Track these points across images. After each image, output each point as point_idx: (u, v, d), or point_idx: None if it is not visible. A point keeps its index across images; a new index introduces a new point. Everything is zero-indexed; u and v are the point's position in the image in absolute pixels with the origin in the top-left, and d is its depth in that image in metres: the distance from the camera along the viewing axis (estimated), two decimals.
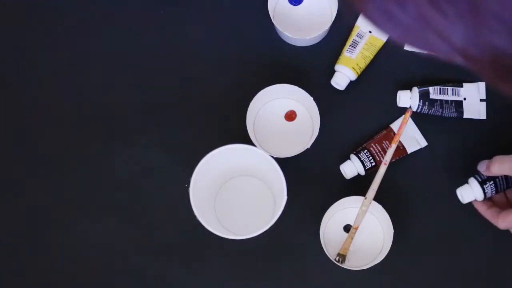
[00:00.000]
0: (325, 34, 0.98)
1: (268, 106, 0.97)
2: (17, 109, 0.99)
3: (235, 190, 0.95)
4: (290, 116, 0.96)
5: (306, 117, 0.96)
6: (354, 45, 0.96)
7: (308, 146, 0.91)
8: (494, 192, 0.88)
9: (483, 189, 0.87)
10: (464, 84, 0.95)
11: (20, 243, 0.95)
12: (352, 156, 0.94)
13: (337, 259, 0.89)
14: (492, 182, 0.87)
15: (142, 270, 0.94)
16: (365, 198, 0.89)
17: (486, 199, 0.87)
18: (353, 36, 0.96)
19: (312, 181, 0.95)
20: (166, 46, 0.99)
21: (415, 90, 0.94)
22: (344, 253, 0.90)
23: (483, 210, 0.86)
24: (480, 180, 0.87)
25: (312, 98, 0.91)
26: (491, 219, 0.85)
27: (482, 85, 0.95)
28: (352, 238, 0.90)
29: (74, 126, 0.98)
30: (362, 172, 0.93)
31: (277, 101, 0.97)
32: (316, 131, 0.92)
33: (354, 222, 0.90)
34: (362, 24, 0.97)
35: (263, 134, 0.96)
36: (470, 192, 0.88)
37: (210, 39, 0.99)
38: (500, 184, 0.88)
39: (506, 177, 0.89)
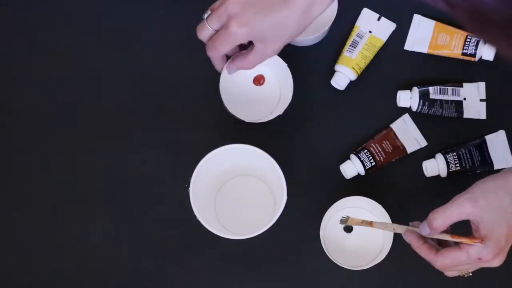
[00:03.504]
0: (325, 34, 0.98)
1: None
2: (17, 109, 0.99)
3: (235, 190, 0.95)
4: (258, 80, 0.97)
5: (274, 82, 0.97)
6: (354, 45, 0.96)
7: (281, 112, 0.91)
8: (458, 166, 0.91)
9: (446, 159, 0.92)
10: (464, 84, 0.95)
11: (20, 243, 0.95)
12: (352, 156, 0.94)
13: (343, 219, 0.81)
14: (455, 153, 0.92)
15: (142, 270, 0.94)
16: (393, 229, 0.79)
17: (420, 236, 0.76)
18: (353, 36, 0.96)
19: (312, 181, 0.95)
20: (166, 46, 0.99)
21: (415, 90, 0.94)
22: (350, 222, 0.81)
23: (418, 246, 0.75)
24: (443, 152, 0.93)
25: (286, 64, 0.92)
26: (427, 255, 0.73)
27: (482, 85, 0.95)
28: (361, 222, 0.80)
29: (74, 126, 0.98)
30: (362, 172, 0.93)
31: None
32: (289, 96, 0.91)
33: (376, 223, 0.80)
34: (362, 24, 0.97)
35: (232, 97, 0.96)
36: (434, 164, 0.92)
37: None
38: (465, 158, 0.92)
39: (470, 151, 0.92)
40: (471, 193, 0.71)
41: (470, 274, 0.75)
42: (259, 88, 0.97)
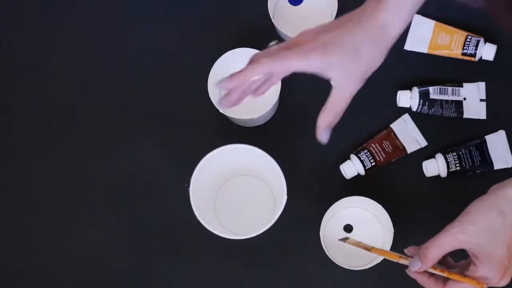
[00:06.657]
0: None
1: None
2: (17, 109, 0.99)
3: (235, 190, 0.95)
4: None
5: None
6: None
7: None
8: (458, 166, 0.91)
9: (446, 159, 0.92)
10: (464, 84, 0.95)
11: (20, 243, 0.95)
12: (352, 156, 0.94)
13: (343, 238, 0.84)
14: (455, 153, 0.92)
15: (142, 270, 0.94)
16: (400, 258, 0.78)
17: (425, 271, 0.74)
18: None
19: (312, 181, 0.95)
20: (166, 46, 0.99)
21: (415, 90, 0.94)
22: (350, 242, 0.83)
23: (423, 281, 0.74)
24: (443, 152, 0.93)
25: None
26: (434, 287, 0.73)
27: (482, 85, 0.95)
28: (359, 247, 0.82)
29: (74, 126, 0.98)
30: (362, 172, 0.93)
31: None
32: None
33: (376, 249, 0.80)
34: None
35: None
36: (434, 164, 0.93)
37: (210, 39, 0.99)
38: (465, 158, 0.92)
39: (470, 150, 0.92)
40: (459, 221, 0.70)
41: None
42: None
